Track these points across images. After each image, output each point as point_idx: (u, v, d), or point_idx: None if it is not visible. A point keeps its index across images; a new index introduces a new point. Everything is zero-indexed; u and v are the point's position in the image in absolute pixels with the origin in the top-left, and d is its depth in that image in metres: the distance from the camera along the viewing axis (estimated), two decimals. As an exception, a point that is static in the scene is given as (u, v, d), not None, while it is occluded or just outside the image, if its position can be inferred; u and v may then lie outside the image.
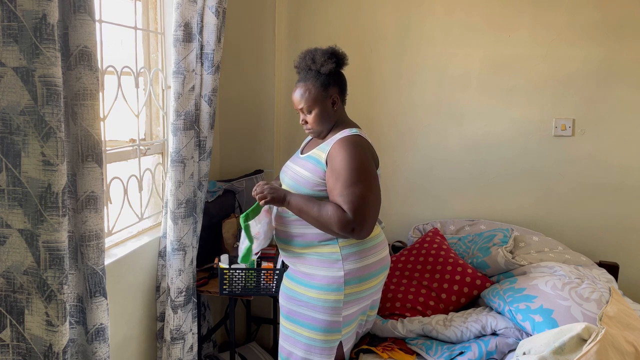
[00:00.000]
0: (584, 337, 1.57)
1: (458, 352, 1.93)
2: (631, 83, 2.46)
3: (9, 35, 1.15)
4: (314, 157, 1.78)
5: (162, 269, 2.10)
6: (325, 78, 1.77)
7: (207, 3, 2.08)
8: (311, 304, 1.77)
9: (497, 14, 2.55)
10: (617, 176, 2.53)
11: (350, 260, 1.74)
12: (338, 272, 1.73)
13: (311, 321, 1.77)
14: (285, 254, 1.89)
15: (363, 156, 1.70)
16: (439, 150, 2.70)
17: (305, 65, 1.79)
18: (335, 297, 1.74)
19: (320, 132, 1.82)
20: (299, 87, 1.80)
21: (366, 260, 1.77)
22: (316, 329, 1.77)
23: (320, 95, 1.77)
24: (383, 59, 2.69)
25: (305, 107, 1.78)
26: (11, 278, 1.25)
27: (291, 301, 1.83)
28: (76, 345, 1.51)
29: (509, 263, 2.25)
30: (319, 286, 1.75)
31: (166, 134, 2.25)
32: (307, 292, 1.78)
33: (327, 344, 1.79)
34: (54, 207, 1.22)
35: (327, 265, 1.75)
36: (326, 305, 1.75)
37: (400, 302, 2.20)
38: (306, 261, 1.80)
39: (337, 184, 1.66)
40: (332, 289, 1.74)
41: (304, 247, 1.79)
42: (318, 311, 1.76)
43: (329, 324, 1.76)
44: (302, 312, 1.79)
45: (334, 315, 1.76)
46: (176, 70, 1.95)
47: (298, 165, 1.83)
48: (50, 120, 1.20)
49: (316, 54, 1.78)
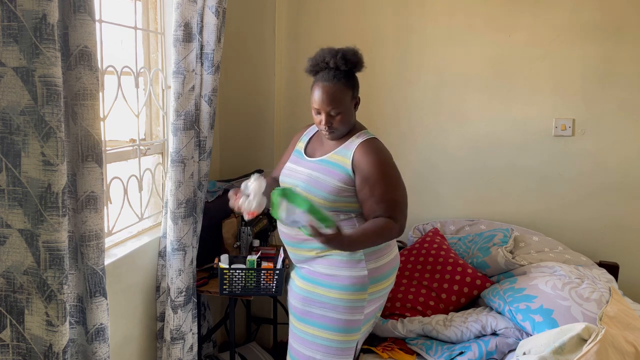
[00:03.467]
0: (584, 337, 1.57)
1: (458, 352, 1.93)
2: (631, 83, 2.46)
3: (9, 35, 1.15)
4: (334, 163, 1.75)
5: (162, 269, 2.10)
6: (354, 79, 1.75)
7: (207, 3, 2.08)
8: (332, 305, 1.76)
9: (498, 14, 2.54)
10: (617, 176, 2.53)
11: (372, 259, 1.77)
12: (362, 272, 1.75)
13: (330, 322, 1.77)
14: (300, 257, 1.86)
15: (390, 160, 1.77)
16: (439, 150, 2.70)
17: (334, 64, 1.70)
18: (359, 296, 1.76)
19: (343, 133, 1.78)
20: (329, 87, 1.69)
21: (385, 259, 1.81)
22: (336, 330, 1.77)
23: (351, 96, 1.74)
24: (383, 59, 2.69)
25: (337, 108, 1.70)
26: (11, 278, 1.25)
27: (307, 303, 1.81)
28: (76, 345, 1.51)
29: (509, 263, 2.25)
30: (342, 286, 1.75)
31: (166, 134, 2.25)
32: (329, 293, 1.77)
33: (348, 344, 1.79)
34: (54, 207, 1.22)
35: (351, 266, 1.75)
36: (349, 305, 1.75)
37: (400, 302, 2.20)
38: (327, 262, 1.78)
39: (374, 191, 1.70)
40: (356, 288, 1.75)
41: (324, 250, 1.77)
42: (340, 311, 1.76)
43: (351, 324, 1.77)
44: (321, 313, 1.78)
45: (356, 314, 1.77)
46: (176, 70, 1.95)
47: (311, 169, 1.78)
48: (50, 120, 1.20)
49: (347, 53, 1.71)
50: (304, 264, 1.86)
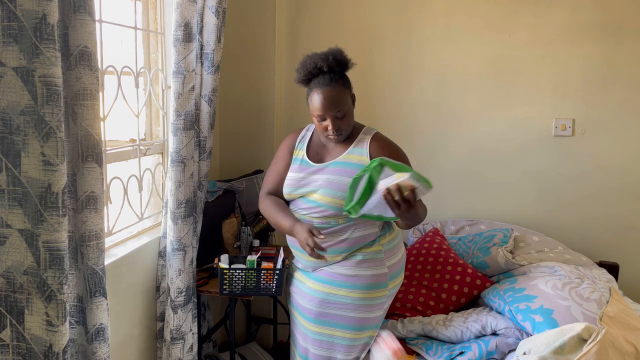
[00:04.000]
0: (584, 337, 1.57)
1: (458, 352, 1.93)
2: (631, 83, 2.46)
3: (9, 35, 1.15)
4: (352, 163, 1.73)
5: (162, 269, 2.10)
6: (347, 78, 1.76)
7: (207, 3, 2.08)
8: (354, 305, 1.79)
9: (497, 14, 2.54)
10: (617, 176, 2.53)
11: (389, 256, 1.82)
12: (382, 270, 1.79)
13: (351, 321, 1.80)
14: (318, 264, 1.83)
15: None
16: (439, 150, 2.70)
17: (328, 67, 1.69)
18: (381, 293, 1.80)
19: (346, 134, 1.76)
20: (330, 91, 1.67)
21: (399, 255, 1.87)
22: (357, 328, 1.81)
23: (350, 95, 1.76)
24: (383, 59, 2.69)
25: (342, 110, 1.69)
26: (11, 278, 1.25)
27: (325, 305, 1.82)
28: (76, 345, 1.51)
29: (509, 263, 2.25)
30: (365, 286, 1.78)
31: (166, 134, 2.25)
32: (351, 293, 1.78)
33: (366, 340, 1.85)
34: (54, 207, 1.22)
35: (373, 265, 1.78)
36: (371, 303, 1.79)
37: (400, 302, 2.20)
38: (349, 263, 1.79)
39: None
40: (378, 286, 1.79)
41: (344, 252, 1.78)
42: (362, 310, 1.79)
43: (372, 321, 1.82)
44: (340, 313, 1.81)
45: (377, 311, 1.82)
46: (176, 70, 1.95)
47: (328, 174, 1.75)
48: (50, 120, 1.20)
49: (337, 55, 1.72)
50: (325, 268, 1.84)
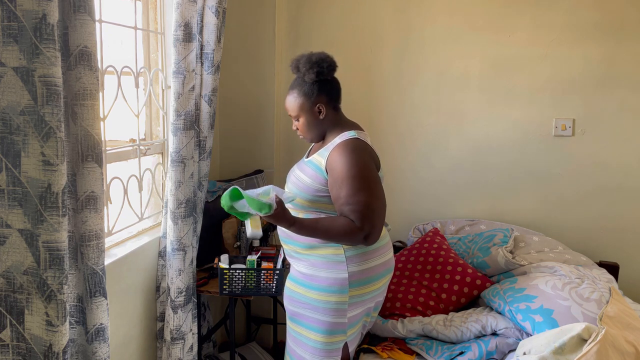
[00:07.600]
0: (584, 337, 1.57)
1: (458, 352, 1.93)
2: (631, 83, 2.46)
3: (9, 35, 1.15)
4: (314, 163, 1.75)
5: (162, 269, 2.10)
6: (309, 87, 1.73)
7: (207, 3, 2.08)
8: (313, 306, 1.75)
9: (497, 14, 2.54)
10: (617, 176, 2.53)
11: (355, 262, 1.72)
12: (342, 274, 1.71)
13: (314, 323, 1.76)
14: (287, 253, 1.88)
15: (363, 161, 1.66)
16: (439, 150, 2.70)
17: (297, 70, 1.76)
18: (339, 298, 1.72)
19: (311, 138, 1.81)
20: (288, 94, 1.79)
21: (370, 263, 1.75)
22: (320, 331, 1.76)
23: (305, 104, 1.74)
24: (383, 59, 2.69)
25: (293, 115, 1.78)
26: (11, 278, 1.25)
27: (294, 303, 1.81)
28: (76, 345, 1.51)
29: (509, 263, 2.25)
30: (321, 287, 1.74)
31: (166, 134, 2.25)
32: (309, 293, 1.76)
33: (332, 345, 1.77)
34: (54, 207, 1.22)
35: (330, 267, 1.73)
36: (328, 307, 1.73)
37: (401, 302, 2.20)
38: (308, 262, 1.78)
39: (340, 193, 1.64)
40: (334, 290, 1.72)
41: (307, 249, 1.77)
42: (321, 313, 1.74)
43: (333, 326, 1.75)
44: (306, 314, 1.78)
45: (338, 317, 1.74)
46: (176, 70, 1.95)
47: (300, 170, 1.81)
48: (50, 120, 1.20)
49: (300, 62, 1.73)
50: (293, 262, 1.86)
